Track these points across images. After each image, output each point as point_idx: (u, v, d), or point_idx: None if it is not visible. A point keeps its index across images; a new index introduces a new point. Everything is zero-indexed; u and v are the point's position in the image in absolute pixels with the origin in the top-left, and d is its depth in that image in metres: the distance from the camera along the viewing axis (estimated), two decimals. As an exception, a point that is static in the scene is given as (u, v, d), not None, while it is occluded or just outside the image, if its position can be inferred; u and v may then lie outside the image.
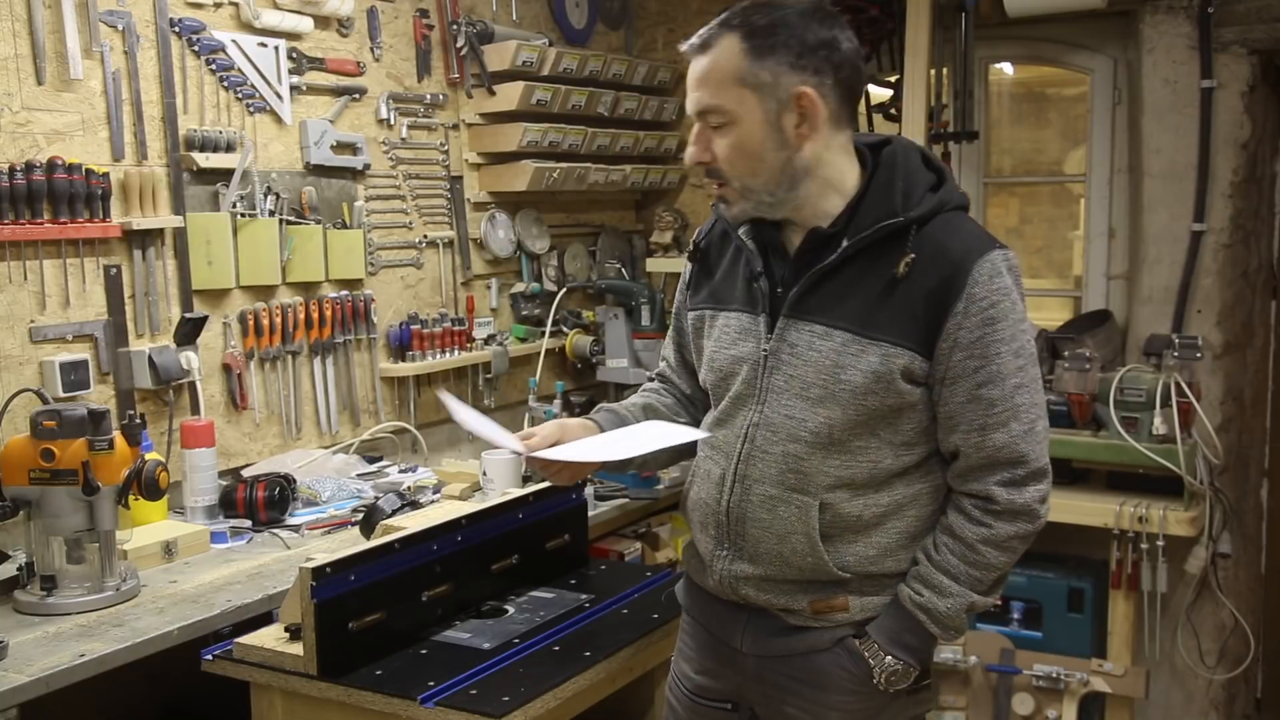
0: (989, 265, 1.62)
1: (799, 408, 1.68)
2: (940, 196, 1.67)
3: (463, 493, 3.05)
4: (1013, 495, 1.65)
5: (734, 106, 1.63)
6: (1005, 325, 1.62)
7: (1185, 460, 3.04)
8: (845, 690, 1.73)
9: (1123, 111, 3.65)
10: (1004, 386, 1.63)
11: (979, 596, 1.68)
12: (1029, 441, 1.65)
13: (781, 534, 1.70)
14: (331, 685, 1.85)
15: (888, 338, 1.63)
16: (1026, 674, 3.32)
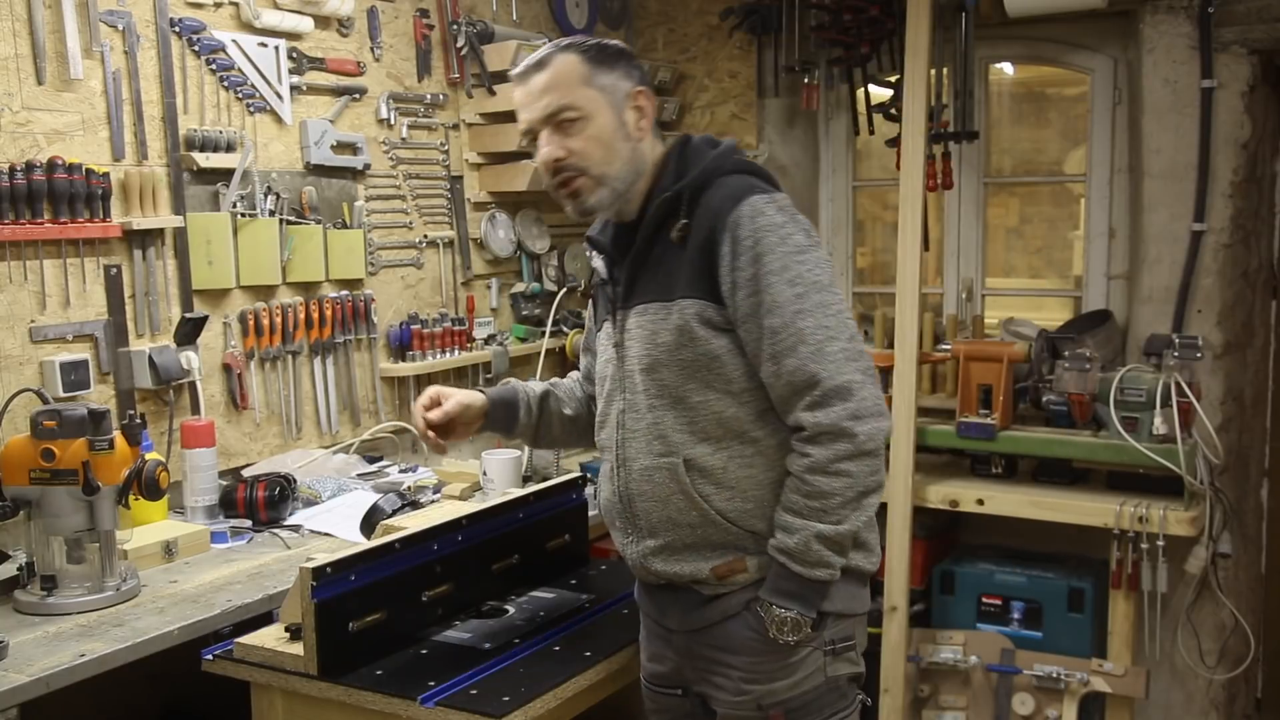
0: (748, 207, 1.77)
1: (641, 381, 1.85)
2: (708, 166, 1.84)
3: (463, 493, 3.05)
4: (818, 416, 1.74)
5: (585, 104, 1.83)
6: (774, 257, 1.75)
7: (1185, 460, 3.04)
8: (755, 651, 1.82)
9: (1123, 111, 3.65)
10: (783, 314, 1.74)
11: (825, 526, 1.75)
12: (819, 361, 1.73)
13: (663, 498, 1.84)
14: (332, 685, 1.85)
15: (680, 294, 1.80)
16: (1026, 674, 3.32)
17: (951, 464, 3.54)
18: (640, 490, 1.87)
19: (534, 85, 1.85)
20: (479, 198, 3.67)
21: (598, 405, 2.01)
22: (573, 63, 1.84)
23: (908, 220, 3.40)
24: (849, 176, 4.18)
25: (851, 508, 1.76)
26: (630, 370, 1.88)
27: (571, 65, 1.84)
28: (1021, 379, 3.40)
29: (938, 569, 3.54)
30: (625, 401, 1.89)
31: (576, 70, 1.84)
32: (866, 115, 3.86)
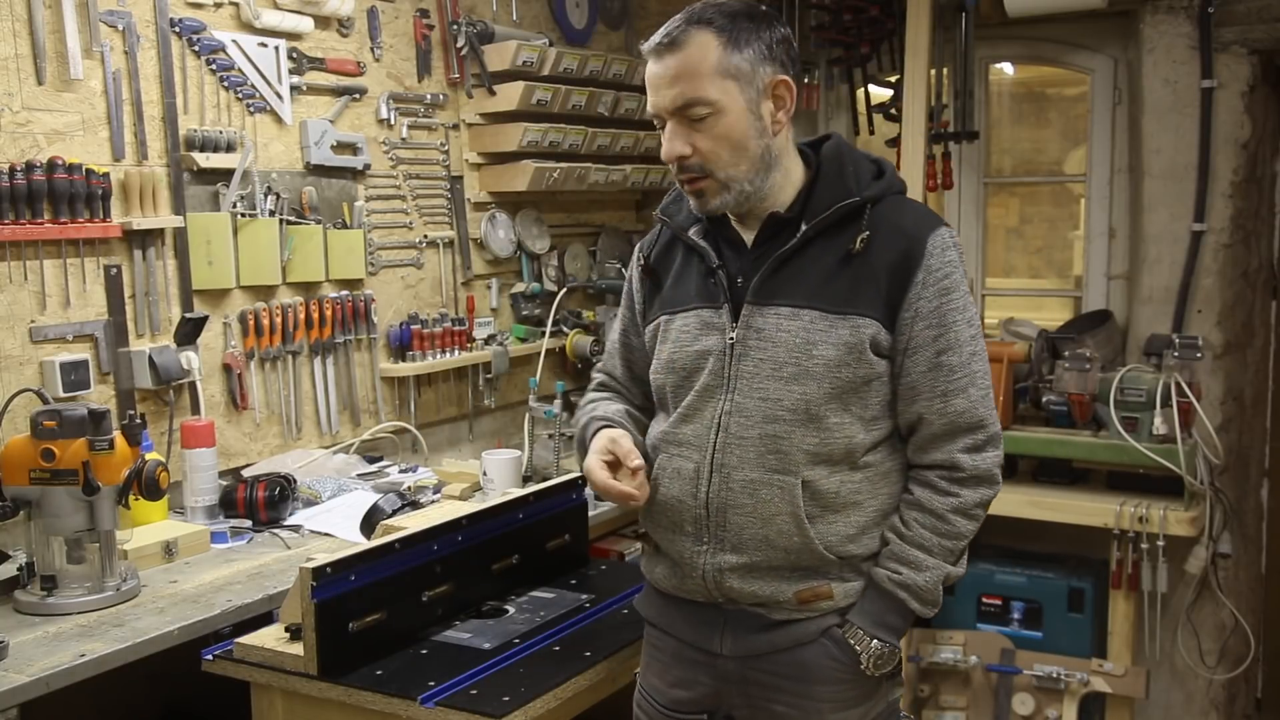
0: (940, 239, 1.71)
1: (773, 388, 1.71)
2: (886, 181, 1.77)
3: (463, 493, 3.05)
4: (976, 461, 1.72)
5: (719, 97, 1.67)
6: (958, 295, 1.71)
7: (1185, 460, 3.04)
8: (834, 680, 1.74)
9: (1123, 111, 3.65)
10: (961, 354, 1.70)
11: (952, 567, 1.73)
12: (985, 406, 1.72)
13: (766, 517, 1.72)
14: (332, 685, 1.85)
15: (855, 310, 1.69)
16: (1027, 674, 3.32)
17: (951, 464, 3.54)
18: (739, 504, 1.72)
19: (665, 68, 1.69)
20: (479, 198, 3.66)
21: (675, 395, 1.81)
22: (708, 45, 1.65)
23: (908, 220, 3.39)
24: (849, 176, 4.17)
25: (966, 553, 1.76)
26: (750, 372, 1.72)
27: (706, 48, 1.66)
28: (1021, 379, 3.40)
29: (938, 569, 3.54)
30: (733, 404, 1.73)
31: (712, 55, 1.65)
32: (866, 115, 3.86)
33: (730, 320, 1.75)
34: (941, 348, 1.69)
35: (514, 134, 3.55)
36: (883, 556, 1.74)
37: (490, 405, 3.70)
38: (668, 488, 1.80)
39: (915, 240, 1.70)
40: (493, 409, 3.73)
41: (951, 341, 1.70)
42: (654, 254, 1.92)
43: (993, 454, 1.74)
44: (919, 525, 1.72)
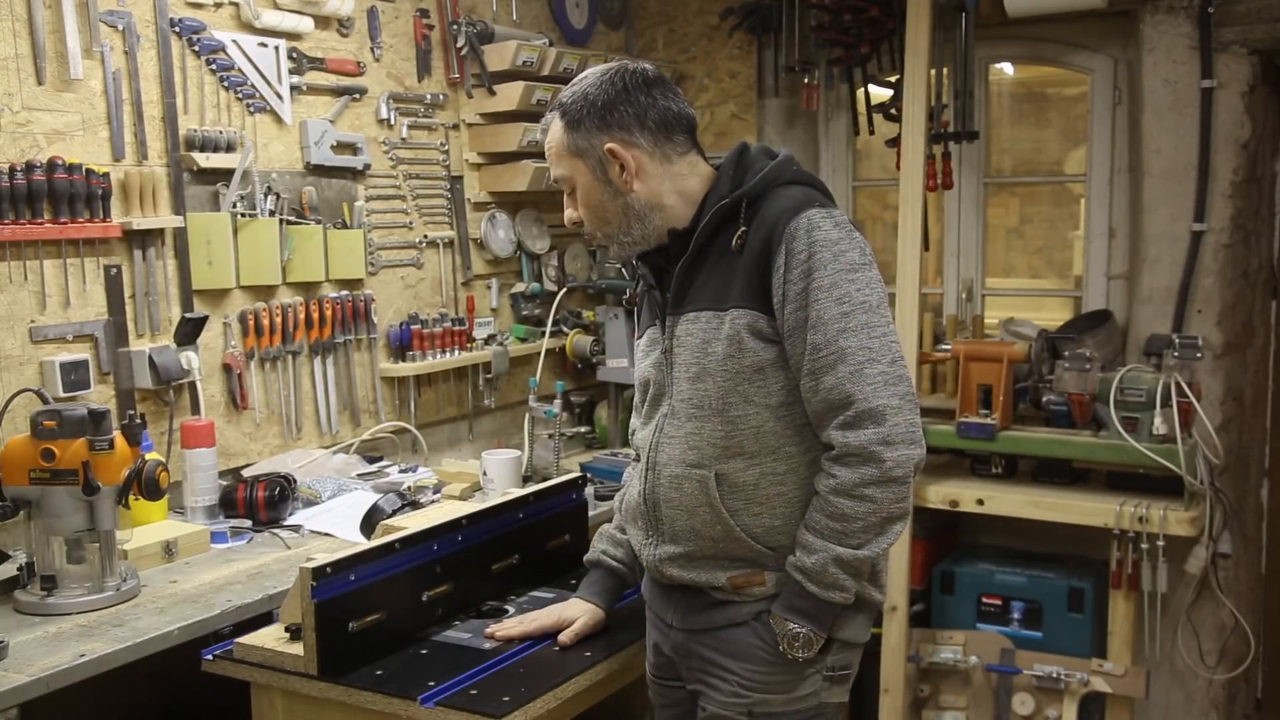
0: (805, 221, 1.77)
1: (688, 388, 1.85)
2: (766, 175, 1.84)
3: (463, 493, 3.05)
4: (847, 437, 1.73)
5: (570, 173, 1.89)
6: (825, 273, 1.75)
7: (1185, 460, 3.04)
8: (760, 661, 1.83)
9: (1123, 111, 3.65)
10: (827, 331, 1.74)
11: (844, 549, 1.74)
12: (855, 382, 1.72)
13: (690, 509, 1.84)
14: (331, 685, 1.85)
15: (734, 303, 1.80)
16: (1026, 674, 3.32)
17: (951, 464, 3.54)
18: (667, 497, 1.87)
19: (546, 151, 1.93)
20: (479, 198, 3.67)
21: (640, 408, 1.99)
22: (557, 131, 1.89)
23: (908, 220, 3.40)
24: (849, 176, 4.18)
25: (874, 533, 1.75)
26: (676, 377, 1.87)
27: (556, 133, 1.89)
28: (1021, 379, 3.40)
29: (938, 569, 3.54)
30: (669, 407, 1.88)
31: (559, 137, 1.88)
32: (866, 115, 3.86)
33: (662, 333, 1.92)
34: (808, 327, 1.75)
35: (514, 134, 3.55)
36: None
37: (490, 405, 3.70)
38: (629, 489, 2.01)
39: (774, 227, 1.78)
40: (493, 409, 3.73)
41: (814, 319, 1.74)
42: (639, 287, 2.10)
43: (870, 431, 1.72)
44: (813, 509, 1.79)
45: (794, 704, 1.84)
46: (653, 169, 1.87)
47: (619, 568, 2.10)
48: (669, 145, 1.88)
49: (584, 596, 2.10)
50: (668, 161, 1.88)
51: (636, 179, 1.86)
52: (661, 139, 1.87)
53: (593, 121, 1.85)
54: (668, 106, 1.88)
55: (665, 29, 4.28)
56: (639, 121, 1.86)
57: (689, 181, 1.89)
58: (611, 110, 1.85)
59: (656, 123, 1.86)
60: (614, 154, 1.85)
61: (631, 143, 1.85)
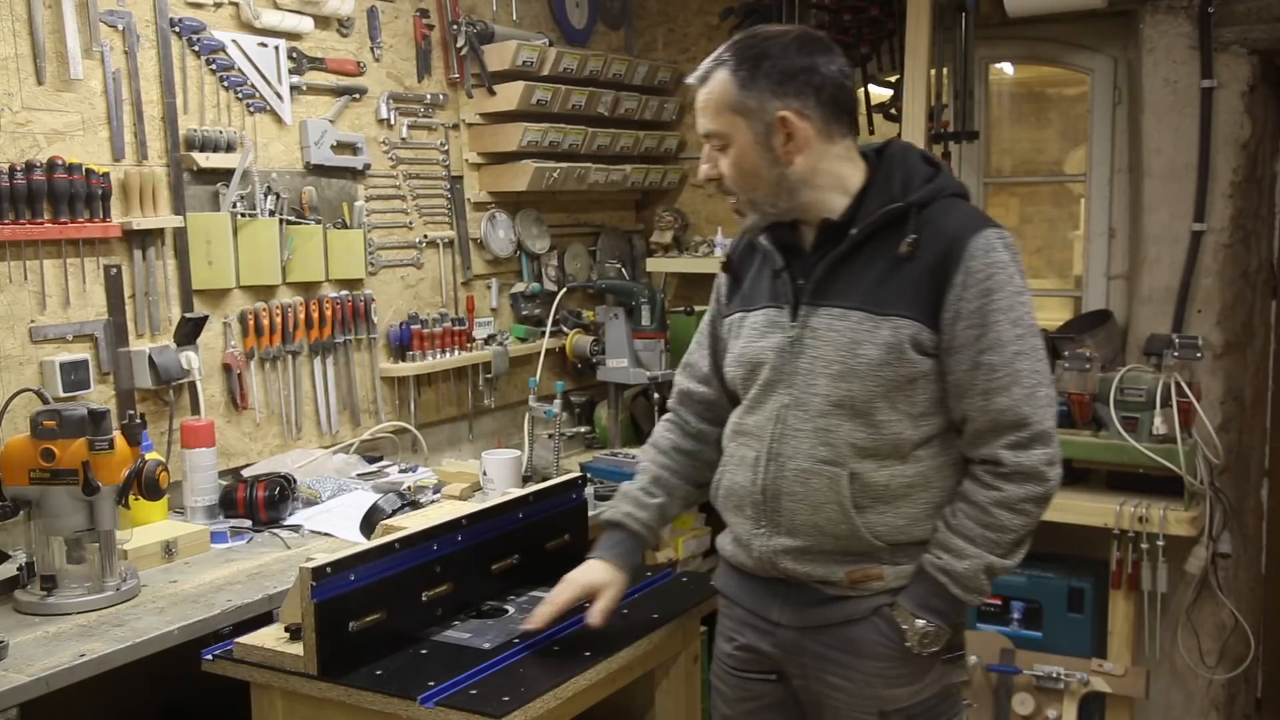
0: (984, 241, 1.77)
1: (824, 385, 1.82)
2: (936, 184, 1.84)
3: (463, 493, 3.05)
4: (1019, 457, 1.77)
5: (729, 130, 1.83)
6: (1002, 296, 1.76)
7: (1185, 460, 3.04)
8: (882, 656, 1.84)
9: (1123, 111, 3.65)
10: (1003, 353, 1.76)
11: (995, 558, 1.79)
12: (1030, 405, 1.77)
13: (816, 504, 1.83)
14: (331, 685, 1.84)
15: (896, 312, 1.79)
16: (1026, 674, 3.32)
17: (951, 464, 3.53)
18: (791, 490, 1.85)
19: (697, 100, 1.87)
20: (479, 198, 3.66)
21: (744, 388, 1.95)
22: (723, 82, 1.81)
23: (908, 220, 3.40)
24: (849, 176, 4.17)
25: (1021, 545, 1.82)
26: (809, 369, 1.84)
27: (721, 85, 1.81)
28: (1021, 379, 3.39)
29: (938, 569, 3.54)
30: (792, 397, 1.85)
31: (725, 91, 1.81)
32: (866, 115, 3.86)
33: (790, 319, 1.88)
34: (983, 347, 1.76)
35: (514, 134, 3.55)
36: (930, 543, 1.83)
37: (490, 405, 3.70)
38: (733, 474, 1.94)
39: (956, 242, 1.77)
40: (493, 409, 3.73)
41: (993, 341, 1.76)
42: (736, 254, 2.06)
43: (1039, 452, 1.78)
44: (964, 515, 1.80)
45: (921, 694, 1.87)
46: (816, 145, 1.82)
47: (642, 531, 2.06)
48: (835, 124, 1.83)
49: (605, 558, 2.03)
50: (830, 141, 1.83)
51: (799, 153, 1.81)
52: (830, 116, 1.82)
53: (769, 83, 1.78)
54: (844, 84, 1.83)
55: (665, 29, 4.28)
56: (817, 94, 1.80)
57: (845, 167, 1.86)
58: (793, 77, 1.78)
59: (831, 99, 1.81)
60: (785, 122, 1.79)
61: (805, 114, 1.79)
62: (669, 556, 3.39)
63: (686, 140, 4.26)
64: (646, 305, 3.69)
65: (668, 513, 2.11)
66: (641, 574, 2.10)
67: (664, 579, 2.35)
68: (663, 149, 4.17)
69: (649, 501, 2.08)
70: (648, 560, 3.30)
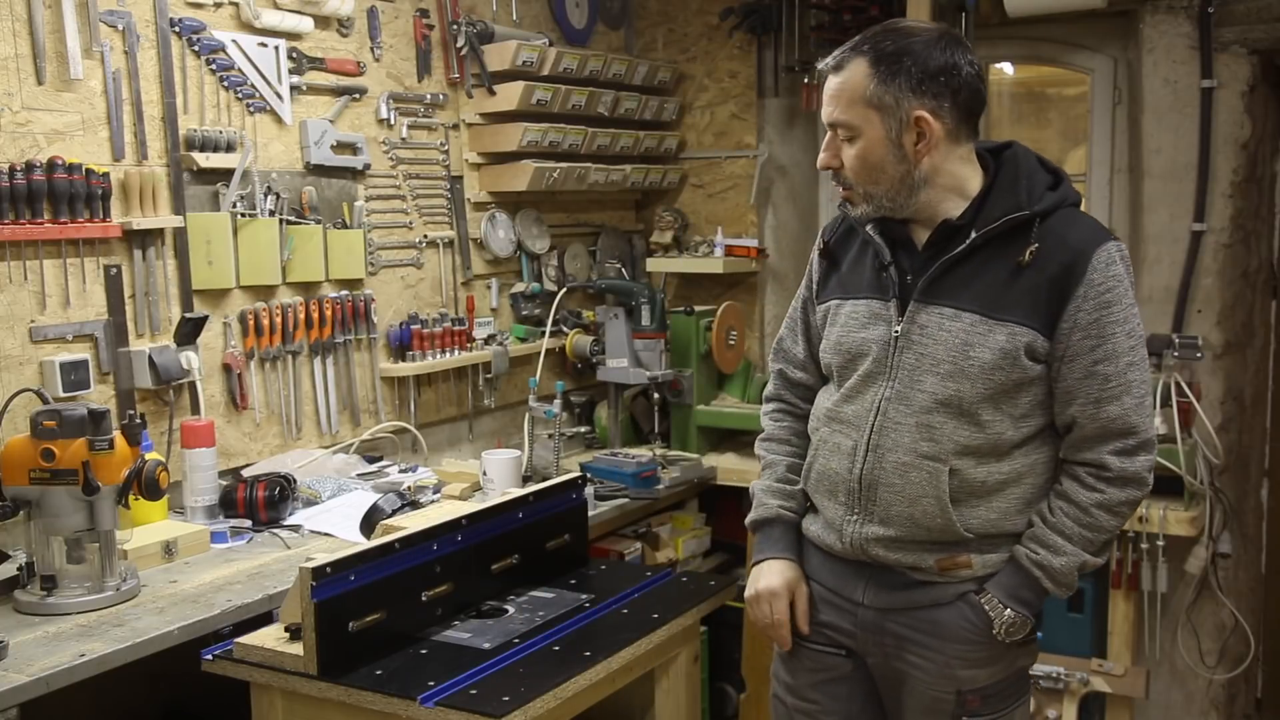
0: (1106, 255, 1.81)
1: (931, 383, 1.86)
2: (1060, 194, 1.87)
3: (463, 493, 3.05)
4: (1125, 463, 1.83)
5: (860, 123, 1.83)
6: (1119, 308, 1.81)
7: (1185, 460, 3.04)
8: (966, 640, 1.90)
9: (1123, 111, 3.65)
10: (1118, 364, 1.81)
11: (1090, 556, 1.86)
12: (1139, 414, 1.83)
13: (913, 497, 1.88)
14: (331, 685, 1.85)
15: (1013, 318, 1.82)
16: (1026, 674, 3.32)
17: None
18: (889, 482, 1.89)
19: (829, 86, 1.87)
20: (479, 198, 3.66)
21: (841, 376, 1.98)
22: (860, 72, 1.81)
23: (908, 220, 3.40)
24: (849, 176, 4.17)
25: (1110, 545, 1.91)
26: (911, 364, 1.88)
27: (858, 76, 1.81)
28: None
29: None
30: (894, 390, 1.89)
31: (861, 83, 1.81)
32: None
33: (897, 314, 1.90)
34: (1098, 358, 1.81)
35: (514, 134, 3.55)
36: (1025, 537, 1.88)
37: (490, 405, 3.70)
38: (826, 460, 1.98)
39: (1080, 255, 1.80)
40: (493, 409, 3.72)
41: (1108, 352, 1.81)
42: (834, 238, 2.08)
43: (1144, 458, 1.84)
44: (1063, 514, 1.86)
45: (997, 675, 1.93)
46: (944, 147, 1.84)
47: (796, 518, 2.09)
48: (965, 126, 1.86)
49: (779, 556, 2.06)
50: (957, 143, 1.86)
51: (929, 153, 1.83)
52: (962, 119, 1.85)
53: (911, 80, 1.79)
54: (979, 88, 1.85)
55: (665, 29, 4.28)
56: (954, 96, 1.82)
57: (965, 169, 1.88)
58: (934, 77, 1.80)
59: (965, 101, 1.83)
60: (921, 122, 1.81)
61: (940, 115, 1.81)
62: (669, 556, 3.39)
63: (686, 140, 4.26)
64: (646, 305, 3.69)
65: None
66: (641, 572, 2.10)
67: (664, 579, 2.35)
68: (663, 149, 4.17)
69: (793, 490, 2.09)
70: (648, 560, 3.30)
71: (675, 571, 2.48)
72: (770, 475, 2.13)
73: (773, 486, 2.11)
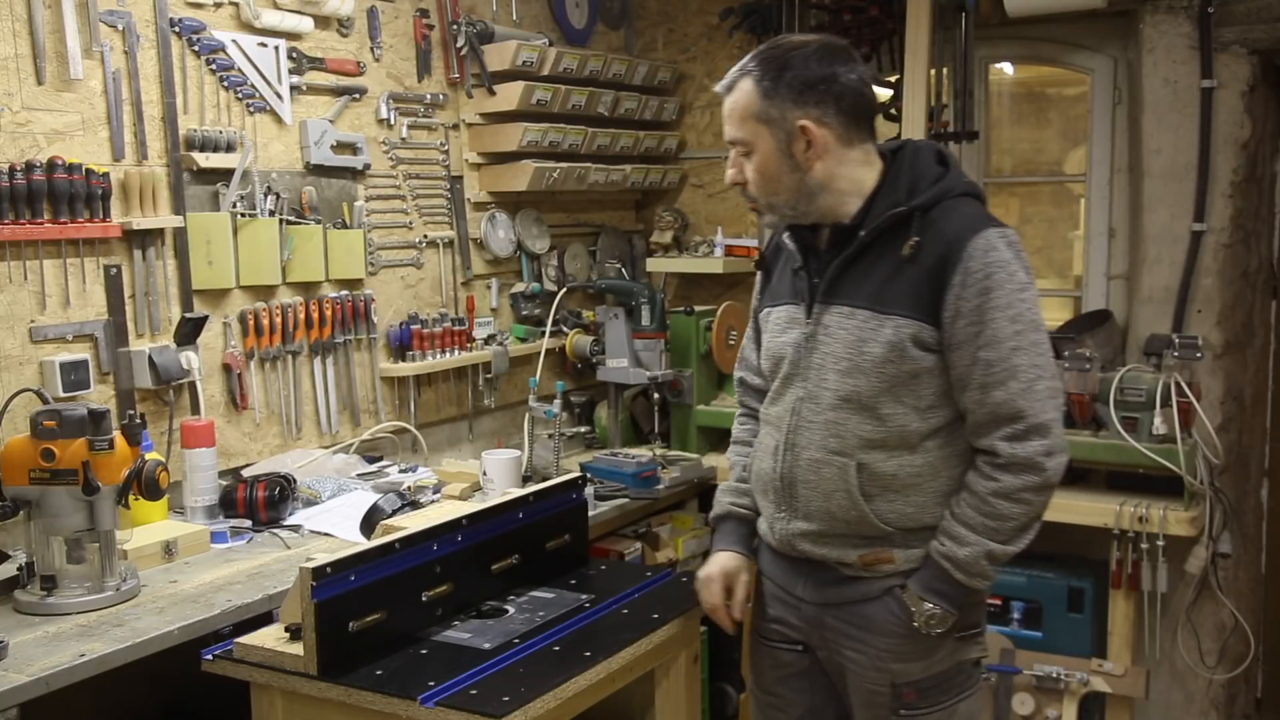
0: (984, 241, 1.84)
1: (833, 380, 1.94)
2: (942, 186, 1.91)
3: (463, 493, 3.05)
4: (1015, 449, 1.85)
5: (752, 138, 1.92)
6: (1001, 294, 1.83)
7: (1185, 460, 3.04)
8: (894, 634, 1.96)
9: (1123, 111, 3.65)
10: (1001, 349, 1.83)
11: (996, 545, 1.88)
12: (1026, 398, 1.84)
13: (827, 492, 1.95)
14: (331, 685, 1.85)
15: (898, 311, 1.88)
16: (1026, 674, 3.32)
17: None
18: (805, 479, 1.97)
19: (724, 108, 1.96)
20: (479, 198, 3.66)
21: (770, 380, 2.08)
22: (747, 91, 1.90)
23: (908, 220, 3.40)
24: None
25: (1023, 532, 1.90)
26: (820, 365, 1.95)
27: (746, 94, 1.90)
28: (1021, 379, 3.39)
29: (938, 569, 3.54)
30: (806, 391, 1.97)
31: (748, 100, 1.90)
32: (867, 115, 3.85)
33: (806, 316, 1.99)
34: (981, 344, 1.84)
35: (514, 134, 3.55)
36: (937, 530, 1.93)
37: (490, 405, 3.70)
38: (760, 461, 2.09)
39: (955, 244, 1.85)
40: (492, 409, 3.73)
41: (991, 338, 1.83)
42: (768, 251, 2.18)
43: (1036, 443, 1.84)
44: (966, 505, 1.90)
45: (932, 668, 1.98)
46: (836, 151, 1.91)
47: (749, 514, 2.17)
48: (855, 130, 1.92)
49: (730, 548, 2.16)
50: (849, 146, 1.92)
51: (819, 159, 1.90)
52: (850, 123, 1.91)
53: (790, 93, 1.87)
54: (862, 92, 1.92)
55: (665, 29, 4.28)
56: (836, 103, 1.89)
57: (861, 171, 1.94)
58: (812, 86, 1.87)
59: (850, 106, 1.90)
60: (805, 131, 1.88)
61: (824, 122, 1.89)
62: (669, 556, 3.39)
63: (686, 140, 4.26)
64: (646, 305, 3.69)
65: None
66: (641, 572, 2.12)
67: (664, 579, 2.35)
68: (663, 149, 4.17)
69: (744, 488, 2.18)
70: (648, 560, 3.30)
71: (675, 571, 2.48)
72: (731, 476, 2.25)
73: (731, 485, 2.22)
